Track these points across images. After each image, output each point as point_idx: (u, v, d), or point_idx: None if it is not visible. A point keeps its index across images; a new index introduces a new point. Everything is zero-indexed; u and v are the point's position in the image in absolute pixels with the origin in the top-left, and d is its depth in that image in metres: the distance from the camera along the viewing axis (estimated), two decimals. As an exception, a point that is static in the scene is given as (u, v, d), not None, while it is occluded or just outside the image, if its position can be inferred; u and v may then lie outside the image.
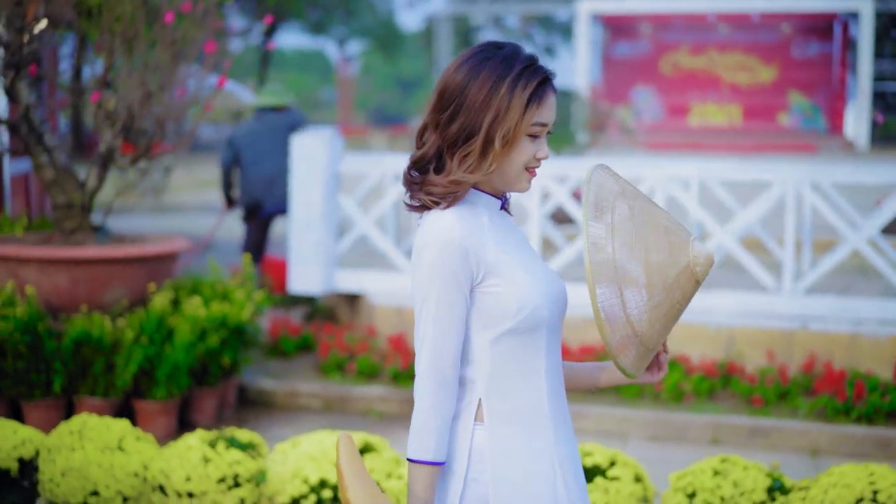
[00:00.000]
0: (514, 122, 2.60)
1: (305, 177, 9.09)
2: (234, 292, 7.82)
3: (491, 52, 2.65)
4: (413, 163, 2.69)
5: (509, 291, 2.61)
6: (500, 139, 2.59)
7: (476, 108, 2.60)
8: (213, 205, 20.68)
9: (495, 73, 2.61)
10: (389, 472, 5.10)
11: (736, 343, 8.15)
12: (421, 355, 2.60)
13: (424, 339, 2.59)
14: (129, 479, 5.14)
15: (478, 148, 2.60)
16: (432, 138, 2.66)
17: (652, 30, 31.75)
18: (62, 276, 7.37)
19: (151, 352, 7.14)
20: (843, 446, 7.09)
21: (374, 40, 40.30)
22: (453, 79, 2.64)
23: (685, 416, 7.40)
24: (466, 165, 2.61)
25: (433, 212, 2.63)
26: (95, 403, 7.12)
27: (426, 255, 2.58)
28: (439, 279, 2.56)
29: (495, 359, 2.63)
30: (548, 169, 8.92)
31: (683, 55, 31.93)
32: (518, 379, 2.65)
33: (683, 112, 31.80)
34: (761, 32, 31.30)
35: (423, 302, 2.59)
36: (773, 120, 31.16)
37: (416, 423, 2.59)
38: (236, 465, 5.10)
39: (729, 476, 4.87)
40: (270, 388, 8.08)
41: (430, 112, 2.68)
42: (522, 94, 2.60)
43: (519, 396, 2.65)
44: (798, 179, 8.32)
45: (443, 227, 2.58)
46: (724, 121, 31.74)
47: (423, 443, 2.57)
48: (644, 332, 2.68)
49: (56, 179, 7.69)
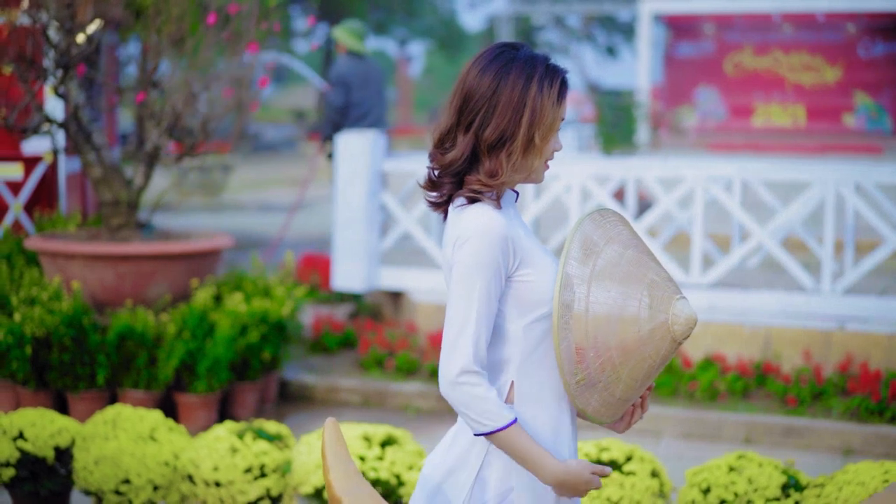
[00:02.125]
0: (551, 119, 2.75)
1: (349, 175, 9.23)
2: (276, 289, 7.97)
3: (511, 54, 2.78)
4: (446, 166, 2.80)
5: (543, 279, 2.75)
6: (540, 137, 2.75)
7: (511, 109, 2.73)
8: (272, 204, 20.90)
9: (524, 74, 2.75)
10: (412, 464, 5.21)
11: (773, 343, 8.17)
12: (457, 339, 2.67)
13: (464, 325, 2.67)
14: (160, 468, 5.29)
15: (520, 147, 2.74)
16: (464, 141, 2.77)
17: (715, 30, 31.54)
18: (108, 271, 7.55)
19: (193, 346, 7.30)
20: (877, 446, 7.10)
21: (435, 41, 40.46)
22: (479, 83, 2.76)
23: (719, 415, 7.43)
24: (512, 163, 2.75)
25: (470, 206, 2.74)
26: (138, 396, 7.29)
27: (470, 246, 2.68)
28: (486, 269, 2.68)
29: (528, 342, 2.77)
30: (590, 169, 8.98)
31: (747, 55, 31.70)
32: (545, 361, 2.80)
33: (747, 113, 31.56)
34: (826, 32, 30.99)
35: (467, 290, 2.68)
36: (838, 121, 30.85)
37: (471, 401, 2.66)
38: (263, 455, 5.24)
39: (744, 472, 4.92)
40: (311, 383, 8.23)
41: (453, 115, 2.79)
42: (551, 92, 2.76)
43: (544, 377, 2.80)
44: (838, 180, 8.32)
45: (486, 220, 2.69)
46: (789, 122, 31.46)
47: (496, 412, 2.65)
48: (608, 381, 2.74)
49: (104, 177, 7.88)
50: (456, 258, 2.71)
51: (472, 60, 2.83)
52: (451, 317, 2.70)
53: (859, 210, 8.33)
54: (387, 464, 5.14)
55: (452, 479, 2.83)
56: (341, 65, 10.46)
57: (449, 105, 2.82)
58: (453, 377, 2.66)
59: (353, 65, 10.41)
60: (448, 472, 2.85)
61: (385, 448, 5.22)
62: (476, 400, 2.65)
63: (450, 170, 2.79)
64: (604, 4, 32.82)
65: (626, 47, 37.62)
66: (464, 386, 2.65)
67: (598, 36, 38.92)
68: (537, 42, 38.00)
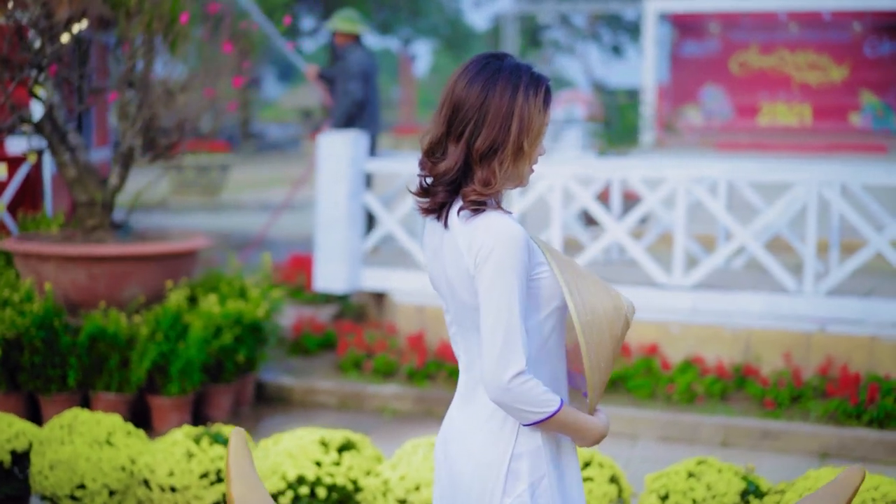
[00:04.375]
0: (538, 126, 2.85)
1: (331, 175, 9.17)
2: (251, 290, 7.91)
3: (497, 64, 2.86)
4: (439, 176, 2.87)
5: (552, 275, 2.87)
6: (529, 144, 2.84)
7: (501, 119, 2.81)
8: (272, 203, 20.85)
9: (511, 84, 2.83)
10: (369, 469, 5.14)
11: (754, 345, 8.09)
12: (504, 345, 2.75)
13: (509, 331, 2.75)
14: (116, 472, 5.24)
15: (510, 155, 2.83)
16: (455, 151, 2.85)
17: (721, 28, 31.39)
18: (81, 272, 7.50)
19: (165, 348, 7.25)
20: (854, 450, 7.02)
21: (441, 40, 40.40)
22: (468, 94, 2.84)
23: (696, 418, 7.36)
24: (504, 171, 2.84)
25: (486, 214, 2.81)
26: (110, 398, 7.24)
27: (497, 255, 2.75)
28: (514, 274, 2.76)
29: (543, 335, 2.89)
30: (573, 170, 8.91)
31: (753, 54, 31.54)
32: (556, 350, 2.94)
33: (753, 112, 31.42)
34: (832, 31, 30.83)
35: (505, 297, 2.75)
36: (845, 120, 30.70)
37: (524, 400, 2.75)
38: (219, 460, 5.17)
39: (703, 478, 4.85)
40: (288, 385, 8.17)
41: (443, 125, 2.87)
42: (537, 100, 2.85)
43: (557, 366, 2.95)
44: (821, 181, 8.23)
45: (506, 228, 2.78)
46: (795, 121, 31.31)
47: (548, 398, 2.77)
48: (605, 370, 2.95)
49: (78, 178, 7.83)
50: (485, 268, 2.77)
51: (459, 71, 2.91)
52: (494, 325, 2.76)
53: (842, 211, 8.25)
54: (343, 469, 5.07)
55: (482, 474, 2.91)
56: (358, 55, 10.29)
57: (438, 115, 2.89)
58: (506, 383, 2.74)
59: (366, 56, 10.31)
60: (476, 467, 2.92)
61: (342, 453, 5.15)
62: (530, 394, 2.75)
63: (443, 179, 2.86)
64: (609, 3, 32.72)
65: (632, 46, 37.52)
66: (520, 387, 2.74)
67: (603, 35, 38.80)
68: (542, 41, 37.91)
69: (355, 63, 10.20)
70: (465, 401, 2.99)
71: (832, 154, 25.31)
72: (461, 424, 2.99)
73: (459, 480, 2.96)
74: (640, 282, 8.70)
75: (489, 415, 2.91)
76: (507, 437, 2.88)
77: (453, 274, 2.87)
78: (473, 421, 2.95)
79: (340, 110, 10.15)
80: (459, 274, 2.85)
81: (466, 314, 2.90)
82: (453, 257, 2.86)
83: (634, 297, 8.52)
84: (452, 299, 2.93)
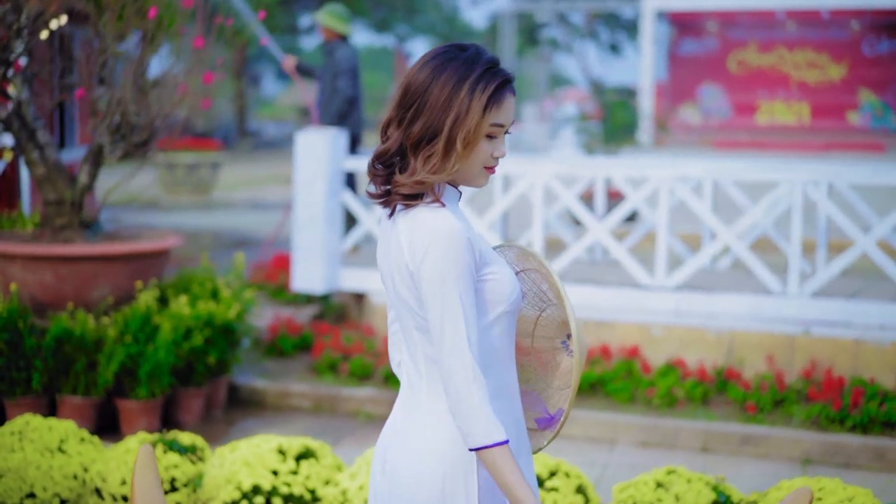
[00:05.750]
0: (474, 125, 2.69)
1: (309, 174, 9.00)
2: (224, 290, 7.75)
3: (454, 54, 2.74)
4: (376, 156, 2.77)
5: (501, 278, 2.74)
6: (461, 141, 2.68)
7: (437, 109, 2.69)
8: (265, 202, 20.69)
9: (456, 75, 2.70)
10: (328, 478, 4.98)
11: (737, 348, 7.92)
12: (452, 347, 2.62)
13: (455, 333, 2.62)
14: (68, 481, 5.07)
15: (440, 149, 2.69)
16: (395, 134, 2.74)
17: (719, 27, 31.24)
18: (47, 273, 7.34)
19: (134, 350, 7.08)
20: (836, 456, 6.84)
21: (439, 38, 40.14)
22: (416, 77, 2.73)
23: (676, 423, 7.19)
24: (430, 166, 2.70)
25: (422, 208, 2.70)
26: (76, 402, 7.08)
27: (435, 250, 2.64)
28: (457, 271, 2.64)
29: (490, 340, 2.75)
30: (553, 168, 8.74)
31: (751, 53, 31.38)
32: (504, 356, 2.80)
33: (751, 110, 31.25)
34: (831, 30, 30.67)
35: (444, 296, 2.63)
36: (843, 118, 30.52)
37: (470, 411, 2.60)
38: (173, 468, 5.01)
39: (672, 489, 4.69)
40: (262, 388, 8.00)
41: (393, 108, 2.76)
42: (482, 96, 2.69)
43: (505, 372, 2.80)
44: (806, 180, 8.06)
45: (443, 222, 2.66)
46: (793, 119, 31.15)
47: (491, 426, 2.60)
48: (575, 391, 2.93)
49: (47, 176, 7.66)
50: (424, 266, 2.66)
51: (421, 56, 2.82)
52: (441, 319, 2.64)
53: (828, 211, 8.08)
54: (301, 478, 4.91)
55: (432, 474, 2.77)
56: (346, 52, 10.22)
57: (392, 97, 2.81)
58: (459, 371, 2.63)
59: (353, 52, 10.24)
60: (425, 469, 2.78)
61: (301, 462, 4.99)
62: (482, 403, 2.62)
63: (381, 160, 2.77)
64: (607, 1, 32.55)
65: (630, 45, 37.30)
66: (473, 381, 2.62)
67: (601, 33, 38.58)
68: (540, 39, 37.76)
69: (344, 60, 10.10)
70: (406, 404, 2.85)
71: (830, 153, 25.15)
72: (402, 427, 2.84)
73: (401, 484, 2.80)
74: (623, 283, 8.54)
75: (435, 417, 2.76)
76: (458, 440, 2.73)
77: (394, 267, 2.76)
78: (417, 422, 2.80)
79: (333, 108, 10.04)
80: (399, 268, 2.74)
81: (405, 311, 2.78)
82: (395, 250, 2.75)
83: (617, 298, 8.37)
84: (394, 294, 2.80)
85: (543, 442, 2.98)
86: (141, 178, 17.88)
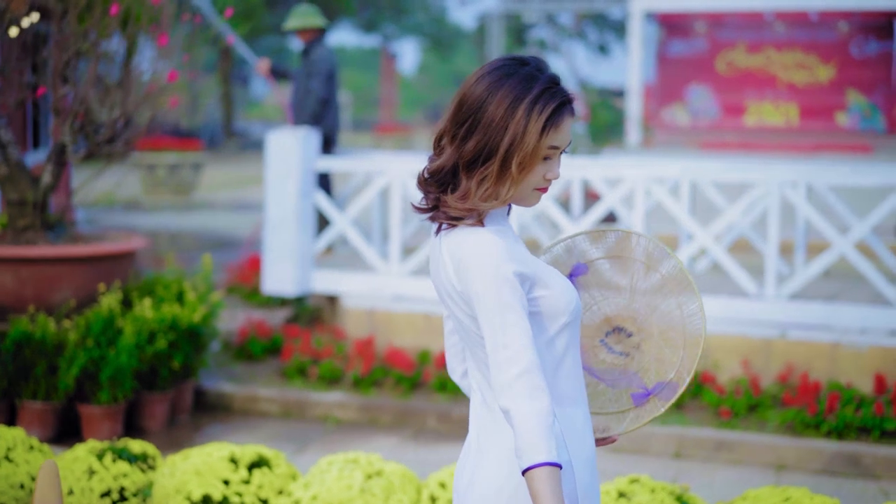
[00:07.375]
0: (531, 148, 2.57)
1: (280, 174, 8.86)
2: (189, 293, 7.59)
3: (513, 69, 2.62)
4: (430, 173, 2.67)
5: (555, 293, 2.64)
6: (517, 164, 2.57)
7: (493, 128, 2.57)
8: (246, 202, 20.53)
9: (514, 93, 2.58)
10: (281, 487, 4.83)
11: (712, 351, 7.77)
12: (511, 361, 2.52)
13: (516, 347, 2.52)
14: (14, 491, 4.92)
15: (494, 171, 2.58)
16: (449, 150, 2.63)
17: (707, 28, 31.16)
18: (8, 275, 7.19)
19: (95, 354, 6.93)
20: (811, 462, 6.70)
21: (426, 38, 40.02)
22: (472, 91, 2.61)
23: (647, 428, 7.04)
24: (483, 189, 2.59)
25: (463, 228, 2.62)
26: (37, 407, 6.93)
27: (476, 269, 2.56)
28: (507, 288, 2.54)
29: (557, 351, 2.68)
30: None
31: (740, 54, 31.29)
32: (571, 361, 2.72)
33: (739, 111, 31.16)
34: (819, 31, 30.61)
35: (492, 317, 2.54)
36: (831, 119, 30.44)
37: (529, 428, 2.47)
38: (123, 478, 4.86)
39: (634, 499, 4.54)
40: (229, 393, 7.85)
41: (448, 120, 2.65)
42: (539, 118, 2.57)
43: (574, 377, 2.72)
44: (783, 181, 7.93)
45: (484, 244, 2.56)
46: (781, 120, 31.06)
47: (545, 445, 2.46)
48: None
49: (10, 176, 7.51)
50: (469, 285, 2.58)
51: (480, 67, 2.69)
52: (493, 331, 2.55)
53: (805, 212, 7.95)
54: (253, 488, 4.76)
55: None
56: (323, 53, 10.10)
57: (448, 108, 2.69)
58: (512, 379, 2.52)
59: (331, 53, 10.12)
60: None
61: (253, 471, 4.84)
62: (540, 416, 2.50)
63: (435, 178, 2.66)
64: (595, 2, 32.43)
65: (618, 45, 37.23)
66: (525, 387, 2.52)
67: (589, 34, 38.46)
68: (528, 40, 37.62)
69: (321, 61, 9.97)
70: (480, 419, 2.76)
71: (818, 154, 25.04)
72: (478, 444, 2.75)
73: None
74: (598, 285, 8.38)
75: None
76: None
77: (444, 284, 2.69)
78: (493, 437, 2.70)
79: (308, 110, 9.91)
80: (445, 285, 2.68)
81: (461, 326, 2.71)
82: (442, 268, 2.68)
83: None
84: (449, 309, 2.74)
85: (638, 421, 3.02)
86: (123, 180, 17.73)
